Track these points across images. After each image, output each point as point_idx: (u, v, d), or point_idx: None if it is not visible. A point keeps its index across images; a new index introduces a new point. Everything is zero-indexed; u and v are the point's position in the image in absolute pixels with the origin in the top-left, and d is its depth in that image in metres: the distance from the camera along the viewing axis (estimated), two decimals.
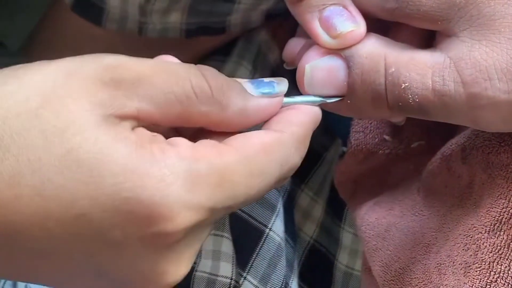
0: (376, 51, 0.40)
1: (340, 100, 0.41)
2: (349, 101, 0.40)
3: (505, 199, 0.41)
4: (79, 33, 0.65)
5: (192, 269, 0.54)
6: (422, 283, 0.46)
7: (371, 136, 0.54)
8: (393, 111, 0.40)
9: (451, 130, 0.50)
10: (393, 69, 0.39)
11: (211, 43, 0.66)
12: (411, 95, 0.39)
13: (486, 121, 0.38)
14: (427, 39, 0.42)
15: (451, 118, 0.39)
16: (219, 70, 0.72)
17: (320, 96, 0.41)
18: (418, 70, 0.38)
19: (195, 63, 0.69)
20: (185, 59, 0.68)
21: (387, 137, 0.54)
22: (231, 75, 0.66)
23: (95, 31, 0.63)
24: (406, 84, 0.39)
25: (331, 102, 0.41)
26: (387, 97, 0.39)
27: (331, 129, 0.67)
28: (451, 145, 0.46)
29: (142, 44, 0.65)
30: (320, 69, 0.41)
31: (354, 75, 0.40)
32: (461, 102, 0.38)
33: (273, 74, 0.66)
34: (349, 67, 0.40)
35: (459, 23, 0.38)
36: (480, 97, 0.37)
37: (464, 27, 0.38)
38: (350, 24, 0.40)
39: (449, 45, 0.39)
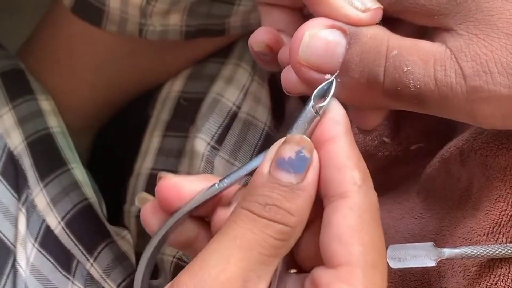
0: (380, 33, 0.39)
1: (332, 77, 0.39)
2: (339, 80, 0.39)
3: (504, 202, 0.41)
4: (78, 35, 0.65)
5: None
6: (421, 286, 0.46)
7: (370, 138, 0.54)
8: (387, 96, 0.39)
9: (449, 132, 0.50)
10: (396, 52, 0.38)
11: (211, 45, 0.66)
12: (412, 80, 0.38)
13: (484, 115, 0.38)
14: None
15: (448, 110, 0.39)
16: (218, 72, 0.72)
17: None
18: (421, 55, 0.38)
19: (195, 65, 0.69)
20: (184, 61, 0.68)
21: (386, 139, 0.54)
22: (230, 77, 0.66)
23: (95, 33, 0.63)
24: (408, 68, 0.38)
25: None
26: (384, 80, 0.38)
27: None
28: (449, 148, 0.46)
29: (142, 46, 0.65)
30: (319, 39, 0.39)
31: (353, 52, 0.39)
32: (461, 95, 0.37)
33: (272, 76, 0.66)
34: (349, 44, 0.39)
35: (456, 18, 0.38)
36: (481, 90, 0.37)
37: (461, 21, 0.38)
38: (374, 2, 0.40)
39: (446, 38, 0.38)
